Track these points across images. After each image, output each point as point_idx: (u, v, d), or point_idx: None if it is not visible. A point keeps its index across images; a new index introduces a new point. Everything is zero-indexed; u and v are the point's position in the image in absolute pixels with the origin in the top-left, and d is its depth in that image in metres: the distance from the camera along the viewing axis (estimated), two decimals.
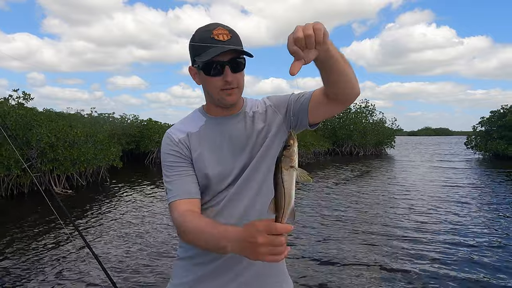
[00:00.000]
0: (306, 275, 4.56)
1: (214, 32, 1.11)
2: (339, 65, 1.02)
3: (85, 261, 4.76)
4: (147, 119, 24.06)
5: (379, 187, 12.23)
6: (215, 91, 1.17)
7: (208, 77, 1.15)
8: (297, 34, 0.87)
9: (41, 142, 10.27)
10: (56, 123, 11.78)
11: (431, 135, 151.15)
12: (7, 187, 10.02)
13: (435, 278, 4.47)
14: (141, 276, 4.55)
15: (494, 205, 9.03)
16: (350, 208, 8.83)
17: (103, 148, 12.84)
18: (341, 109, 1.20)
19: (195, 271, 1.25)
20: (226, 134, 1.23)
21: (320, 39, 0.88)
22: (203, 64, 1.13)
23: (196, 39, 1.14)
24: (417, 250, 5.50)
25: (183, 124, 1.29)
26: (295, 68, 0.90)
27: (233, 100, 1.19)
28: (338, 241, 5.95)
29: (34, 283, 4.35)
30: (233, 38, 1.13)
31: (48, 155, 10.39)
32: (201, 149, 1.22)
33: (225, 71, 1.12)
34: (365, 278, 4.46)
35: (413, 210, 8.36)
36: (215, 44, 1.10)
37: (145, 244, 5.86)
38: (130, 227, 7.05)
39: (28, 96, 10.80)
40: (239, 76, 1.16)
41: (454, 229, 6.68)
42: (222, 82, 1.14)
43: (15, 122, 10.11)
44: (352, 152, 30.49)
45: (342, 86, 1.08)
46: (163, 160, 1.24)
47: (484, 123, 27.23)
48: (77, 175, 11.88)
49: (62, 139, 10.87)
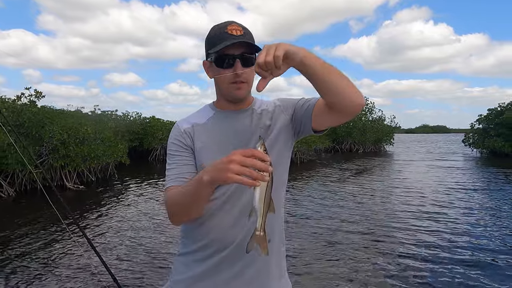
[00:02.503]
0: (306, 272, 4.58)
1: (228, 28, 1.17)
2: (318, 77, 1.03)
3: (85, 255, 4.80)
4: (150, 117, 24.31)
5: (379, 183, 12.53)
6: (225, 84, 1.21)
7: (219, 69, 1.19)
8: (258, 59, 0.95)
9: (53, 139, 10.56)
10: (65, 120, 12.06)
11: (428, 133, 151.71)
12: (20, 182, 10.31)
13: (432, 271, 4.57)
14: (142, 270, 4.65)
15: (492, 201, 9.37)
16: (351, 203, 9.09)
17: (111, 145, 13.13)
18: (343, 120, 1.19)
19: (194, 267, 1.26)
20: (232, 127, 1.27)
21: (278, 65, 0.95)
22: (215, 56, 1.18)
23: (211, 34, 1.21)
24: (416, 244, 5.70)
25: (192, 116, 1.34)
26: (260, 86, 1.00)
27: (242, 94, 1.22)
28: (339, 238, 6.04)
29: (39, 274, 4.53)
30: (246, 34, 1.18)
31: (60, 151, 10.67)
32: (205, 140, 1.26)
33: (236, 64, 1.16)
34: (365, 275, 4.47)
35: (412, 206, 8.53)
36: (229, 37, 1.15)
37: (153, 239, 6.02)
38: (139, 221, 7.26)
39: (40, 94, 11.06)
40: (249, 71, 1.18)
41: (454, 226, 6.83)
42: (232, 75, 1.18)
43: (28, 119, 10.39)
44: (351, 149, 30.83)
45: (333, 97, 1.08)
46: (167, 149, 1.31)
47: (481, 120, 27.56)
48: (87, 171, 12.18)
49: (73, 136, 11.15)
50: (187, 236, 1.30)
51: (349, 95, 1.07)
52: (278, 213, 1.28)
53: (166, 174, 1.24)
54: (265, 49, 0.95)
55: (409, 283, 4.27)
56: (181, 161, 1.24)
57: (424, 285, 4.26)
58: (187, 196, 1.11)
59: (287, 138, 1.30)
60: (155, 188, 11.23)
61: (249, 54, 1.17)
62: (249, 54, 1.17)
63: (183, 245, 1.32)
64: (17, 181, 10.25)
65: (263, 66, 0.95)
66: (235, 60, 1.16)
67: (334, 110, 1.12)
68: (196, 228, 1.24)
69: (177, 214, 1.19)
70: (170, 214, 1.20)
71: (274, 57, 0.93)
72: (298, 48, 0.98)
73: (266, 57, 0.93)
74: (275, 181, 1.03)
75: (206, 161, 1.20)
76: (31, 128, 10.39)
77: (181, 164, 1.24)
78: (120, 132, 20.17)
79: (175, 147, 1.27)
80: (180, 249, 1.33)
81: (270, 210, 0.97)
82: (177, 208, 1.17)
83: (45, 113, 10.96)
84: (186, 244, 1.30)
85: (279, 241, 1.32)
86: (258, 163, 0.90)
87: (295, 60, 0.98)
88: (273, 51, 0.94)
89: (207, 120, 1.30)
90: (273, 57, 0.93)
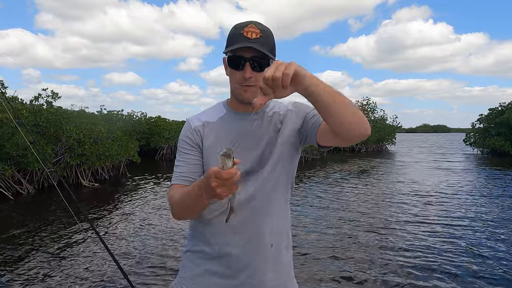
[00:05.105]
0: (307, 270, 4.58)
1: (245, 29, 1.16)
2: (324, 105, 1.00)
3: (96, 249, 5.12)
4: (155, 116, 24.71)
5: (383, 182, 12.84)
6: (234, 85, 1.22)
7: (231, 69, 1.20)
8: (266, 73, 0.90)
9: (70, 139, 10.96)
10: (80, 120, 12.46)
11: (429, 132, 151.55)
12: (39, 180, 10.71)
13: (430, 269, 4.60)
14: (153, 268, 4.75)
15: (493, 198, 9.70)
16: (355, 201, 9.36)
17: (122, 144, 13.54)
18: (346, 144, 1.17)
19: (201, 265, 1.28)
20: (241, 129, 1.27)
21: (286, 85, 0.89)
22: (228, 56, 1.20)
23: (230, 32, 1.21)
24: (417, 241, 5.89)
25: (204, 113, 1.35)
26: (258, 101, 0.94)
27: (249, 98, 1.18)
28: (341, 235, 6.11)
29: (49, 265, 4.80)
30: (262, 38, 1.16)
31: (76, 150, 11.07)
32: (213, 139, 1.27)
33: (245, 67, 1.16)
34: (367, 275, 4.47)
35: (415, 206, 8.56)
36: (242, 39, 1.15)
37: (163, 237, 6.16)
38: (150, 218, 7.46)
39: (56, 95, 11.46)
40: (258, 75, 1.15)
41: (458, 225, 6.97)
42: (241, 77, 1.17)
43: (45, 119, 10.78)
44: (354, 148, 31.16)
45: (336, 126, 1.04)
46: (178, 144, 1.34)
47: (482, 120, 27.89)
48: (100, 169, 12.59)
49: (88, 136, 11.55)
50: (195, 234, 1.33)
51: (354, 126, 1.04)
52: (285, 216, 1.33)
53: (174, 170, 1.29)
54: (275, 65, 0.91)
55: (409, 283, 4.24)
56: (188, 159, 1.27)
57: (424, 285, 4.22)
58: (186, 200, 1.14)
59: (295, 143, 1.30)
60: (164, 187, 11.61)
61: (260, 58, 1.16)
62: (260, 59, 1.16)
63: (190, 242, 1.34)
64: (35, 179, 10.66)
65: (269, 82, 0.90)
66: (245, 63, 1.16)
67: (337, 136, 1.09)
68: (203, 227, 1.29)
69: (177, 212, 1.22)
70: (171, 211, 1.25)
71: (283, 74, 0.89)
72: (307, 72, 0.95)
73: (275, 73, 0.89)
74: (273, 180, 1.25)
75: (212, 161, 1.22)
76: (49, 128, 10.78)
77: (188, 163, 1.26)
78: (127, 131, 20.58)
79: (185, 144, 1.29)
80: (188, 246, 1.36)
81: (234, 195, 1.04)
82: (177, 207, 1.21)
83: (62, 113, 11.36)
84: (193, 242, 1.32)
85: (286, 245, 1.34)
86: (230, 180, 0.93)
87: (303, 84, 0.95)
88: (283, 68, 0.90)
89: (218, 119, 1.30)
90: (282, 74, 0.89)
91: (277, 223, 1.29)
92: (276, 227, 1.28)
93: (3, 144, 9.04)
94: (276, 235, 1.28)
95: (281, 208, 1.31)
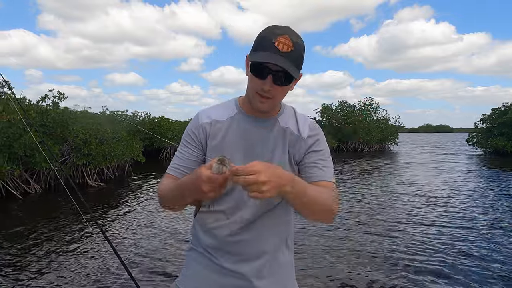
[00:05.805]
0: (308, 271, 4.59)
1: (278, 38, 1.09)
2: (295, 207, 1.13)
3: (102, 247, 5.24)
4: (159, 117, 24.85)
5: (386, 182, 12.92)
6: (252, 91, 1.17)
7: (252, 75, 1.15)
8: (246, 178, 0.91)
9: (76, 139, 11.10)
10: (86, 120, 12.61)
11: (431, 132, 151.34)
12: (46, 179, 10.85)
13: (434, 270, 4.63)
14: (156, 265, 4.83)
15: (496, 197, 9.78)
16: (356, 202, 9.44)
17: (127, 144, 13.68)
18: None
19: (203, 263, 1.28)
20: (248, 135, 1.24)
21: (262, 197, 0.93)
22: (252, 61, 1.14)
23: (262, 34, 1.14)
24: (421, 241, 6.00)
25: (214, 109, 1.31)
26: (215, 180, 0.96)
27: (263, 108, 1.18)
28: (342, 237, 6.12)
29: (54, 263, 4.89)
30: (293, 52, 1.10)
31: (82, 150, 11.22)
32: (219, 140, 1.24)
33: (267, 79, 1.11)
34: (368, 274, 4.50)
35: (418, 207, 8.62)
36: (272, 50, 1.09)
37: (168, 235, 6.25)
38: (156, 217, 7.57)
39: (62, 96, 11.61)
40: (278, 88, 1.13)
41: (458, 222, 7.17)
42: (260, 87, 1.13)
43: (52, 120, 10.93)
44: (356, 148, 31.27)
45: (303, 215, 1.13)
46: (183, 134, 1.32)
47: (485, 120, 27.93)
48: (106, 169, 12.73)
49: (94, 136, 11.69)
50: (198, 232, 1.32)
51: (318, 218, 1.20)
52: (287, 223, 1.33)
53: (172, 159, 1.30)
54: (259, 174, 0.91)
55: (413, 285, 4.24)
56: (188, 154, 1.26)
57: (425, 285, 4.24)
58: (174, 193, 1.17)
59: (294, 165, 1.29)
60: None
61: (285, 73, 1.10)
62: (285, 73, 1.11)
63: (194, 240, 1.34)
64: (42, 178, 10.80)
65: (240, 182, 0.92)
66: (268, 74, 1.12)
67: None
68: (207, 226, 1.28)
69: (163, 202, 1.25)
70: (158, 199, 1.27)
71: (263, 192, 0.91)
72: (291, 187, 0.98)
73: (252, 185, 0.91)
74: None
75: None
76: (55, 128, 10.92)
77: (186, 158, 1.26)
78: (131, 131, 20.74)
79: (188, 138, 1.28)
80: (191, 244, 1.36)
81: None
82: (164, 198, 1.23)
83: (68, 114, 11.51)
84: (197, 240, 1.32)
85: (286, 247, 1.34)
86: (217, 182, 0.96)
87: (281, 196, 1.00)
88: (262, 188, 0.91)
89: (227, 119, 1.26)
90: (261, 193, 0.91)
91: (279, 233, 1.30)
92: (278, 238, 1.29)
93: (11, 144, 9.19)
94: (277, 244, 1.29)
95: (286, 214, 1.32)
